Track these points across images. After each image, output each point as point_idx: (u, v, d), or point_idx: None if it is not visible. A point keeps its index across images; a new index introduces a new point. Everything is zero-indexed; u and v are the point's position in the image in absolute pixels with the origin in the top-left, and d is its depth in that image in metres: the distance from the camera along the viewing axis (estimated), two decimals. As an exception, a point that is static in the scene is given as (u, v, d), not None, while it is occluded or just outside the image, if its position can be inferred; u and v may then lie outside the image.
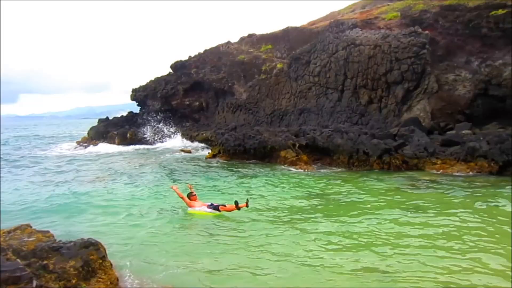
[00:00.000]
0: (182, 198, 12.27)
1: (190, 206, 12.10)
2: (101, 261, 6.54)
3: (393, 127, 23.30)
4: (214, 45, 43.48)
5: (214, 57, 41.44)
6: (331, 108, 29.05)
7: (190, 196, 12.29)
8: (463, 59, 24.42)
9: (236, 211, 11.33)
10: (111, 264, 6.79)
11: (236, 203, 11.29)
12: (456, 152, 17.38)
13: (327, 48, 29.95)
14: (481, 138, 17.40)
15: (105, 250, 6.77)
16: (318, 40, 31.56)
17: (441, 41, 25.24)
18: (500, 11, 22.92)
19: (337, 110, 28.56)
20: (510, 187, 13.15)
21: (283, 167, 20.49)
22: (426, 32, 24.91)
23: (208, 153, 25.78)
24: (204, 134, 34.01)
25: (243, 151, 23.17)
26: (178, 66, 43.75)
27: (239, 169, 20.30)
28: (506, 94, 21.67)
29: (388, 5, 33.40)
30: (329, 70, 29.44)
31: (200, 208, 11.89)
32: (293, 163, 20.84)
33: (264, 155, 22.79)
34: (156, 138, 37.58)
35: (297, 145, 22.29)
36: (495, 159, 15.56)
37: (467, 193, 12.62)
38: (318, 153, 21.63)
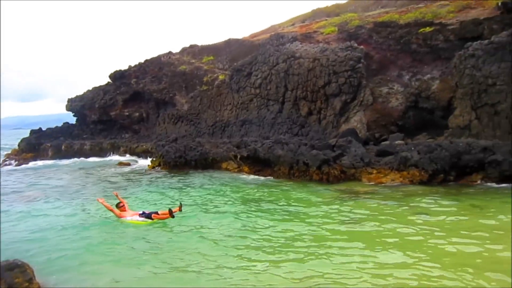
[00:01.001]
0: (111, 210, 11.87)
1: (120, 217, 11.70)
2: (27, 283, 6.16)
3: (331, 138, 24.02)
4: (155, 55, 42.80)
5: (155, 67, 40.73)
6: (272, 119, 29.45)
7: (119, 206, 11.89)
8: (396, 73, 25.73)
9: (172, 218, 11.19)
10: (39, 286, 6.41)
11: (170, 210, 11.14)
12: (390, 162, 18.16)
13: (268, 60, 30.43)
14: (412, 148, 18.30)
15: (32, 271, 6.39)
16: (259, 52, 31.99)
17: (375, 55, 26.46)
18: (428, 29, 24.44)
19: (278, 122, 29.00)
20: (434, 197, 13.93)
21: (223, 175, 20.45)
22: (361, 47, 26.04)
23: (148, 165, 25.20)
24: (144, 146, 33.21)
25: (184, 163, 22.88)
26: (117, 76, 42.54)
27: (179, 180, 20.01)
28: (434, 107, 23.07)
29: (326, 20, 34.63)
30: (270, 82, 29.90)
31: (131, 217, 11.55)
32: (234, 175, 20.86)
33: (205, 166, 22.65)
34: (93, 151, 36.20)
35: (238, 156, 22.35)
36: (425, 168, 16.42)
37: (400, 203, 13.16)
38: (259, 164, 21.78)
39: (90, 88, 44.24)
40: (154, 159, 25.54)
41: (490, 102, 18.76)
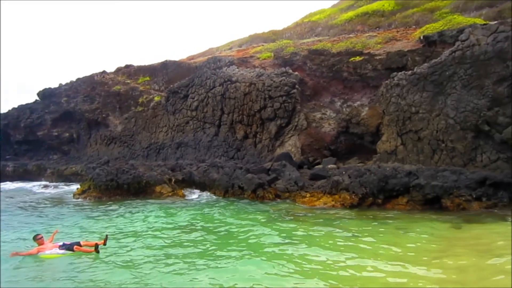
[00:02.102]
0: (29, 254, 10.67)
1: (39, 252, 10.63)
2: None
3: (267, 161, 24.28)
4: (87, 74, 41.28)
5: (87, 86, 39.29)
6: (209, 142, 29.33)
7: (37, 239, 10.93)
8: (328, 99, 26.70)
9: (96, 252, 10.51)
10: None
11: (96, 244, 10.51)
12: (323, 186, 18.65)
13: (205, 83, 30.47)
14: (344, 172, 18.92)
15: None
16: (196, 75, 31.95)
17: (309, 82, 27.34)
18: (358, 58, 25.67)
19: (214, 145, 28.92)
20: (362, 219, 14.42)
21: (157, 200, 19.87)
22: (296, 73, 26.85)
23: (77, 189, 23.95)
24: (74, 168, 31.70)
25: (116, 186, 21.99)
26: (46, 94, 40.57)
27: (108, 206, 19.17)
28: (364, 132, 24.15)
29: (263, 45, 35.33)
30: (207, 105, 29.89)
31: (51, 251, 10.69)
32: (168, 198, 20.39)
33: (138, 190, 21.92)
34: (16, 172, 33.93)
35: (173, 179, 21.92)
36: (355, 192, 17.00)
37: (329, 226, 13.45)
38: (194, 188, 21.49)
39: (16, 106, 41.83)
40: (83, 182, 24.34)
41: (413, 128, 19.93)
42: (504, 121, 16.97)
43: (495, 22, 21.01)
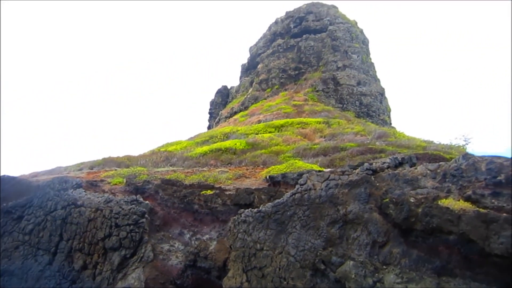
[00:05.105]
0: None
1: None
2: None
3: (105, 297, 22.04)
4: None
5: None
6: (39, 272, 25.83)
7: None
8: (178, 231, 26.31)
9: None
10: None
11: None
12: (164, 327, 17.32)
13: (46, 205, 27.94)
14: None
15: None
16: (37, 195, 29.27)
17: (160, 211, 26.92)
18: (209, 192, 26.49)
19: (46, 275, 25.52)
20: None
21: None
22: (147, 202, 26.35)
23: None
24: None
25: None
26: None
27: None
28: (211, 266, 23.86)
29: (116, 170, 34.58)
30: (44, 229, 27.02)
31: None
32: None
33: None
34: None
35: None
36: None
37: None
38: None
39: None
40: None
41: (258, 265, 20.41)
42: (337, 260, 18.46)
43: (328, 169, 24.10)
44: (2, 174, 35.88)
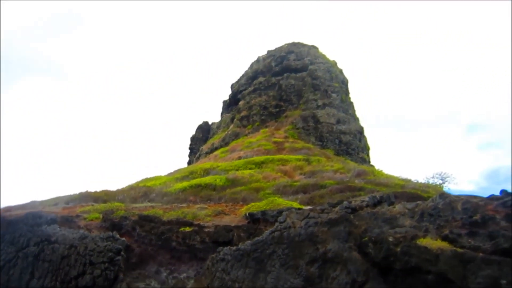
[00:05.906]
0: None
1: None
2: None
3: None
4: None
5: None
6: (7, 313, 24.70)
7: None
8: (154, 269, 25.61)
9: None
10: None
11: None
12: None
13: (18, 241, 27.07)
14: None
15: None
16: (9, 231, 28.36)
17: (136, 249, 26.26)
18: (188, 229, 26.05)
19: (14, 316, 24.42)
20: None
21: None
22: (123, 239, 25.73)
23: None
24: None
25: None
26: None
27: None
28: (188, 307, 23.21)
29: (93, 205, 33.89)
30: (14, 267, 26.04)
31: None
32: None
33: None
34: None
35: None
36: None
37: None
38: None
39: None
40: None
41: (236, 305, 19.93)
42: (316, 300, 18.19)
43: (308, 207, 24.09)
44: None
